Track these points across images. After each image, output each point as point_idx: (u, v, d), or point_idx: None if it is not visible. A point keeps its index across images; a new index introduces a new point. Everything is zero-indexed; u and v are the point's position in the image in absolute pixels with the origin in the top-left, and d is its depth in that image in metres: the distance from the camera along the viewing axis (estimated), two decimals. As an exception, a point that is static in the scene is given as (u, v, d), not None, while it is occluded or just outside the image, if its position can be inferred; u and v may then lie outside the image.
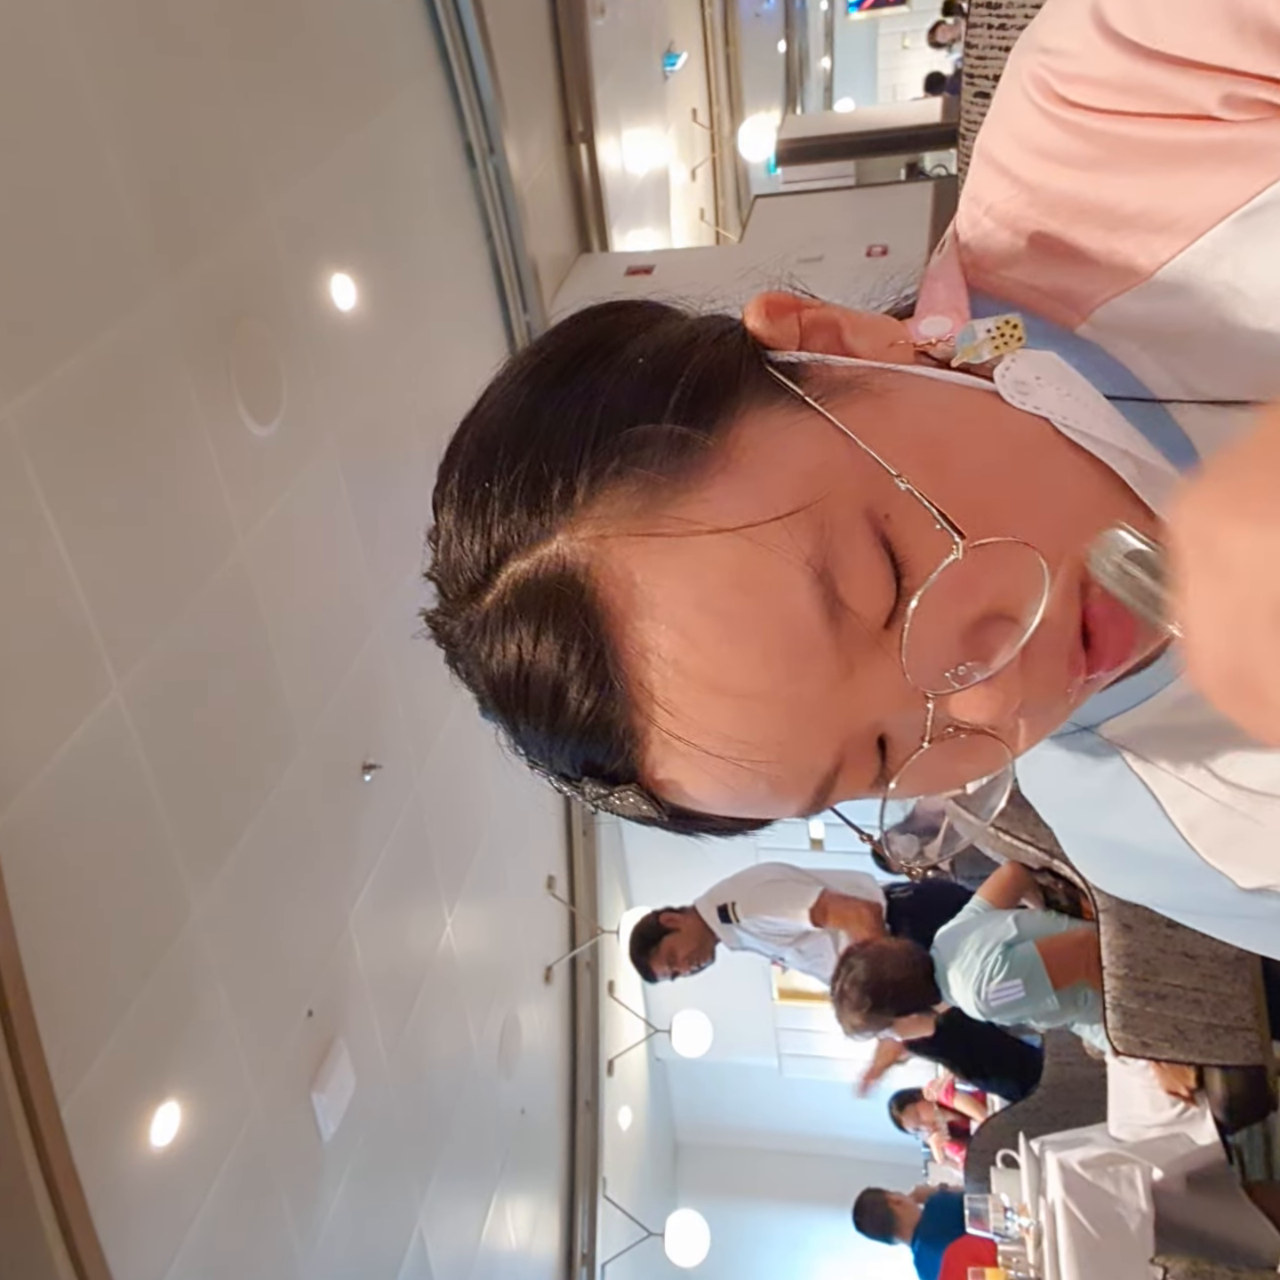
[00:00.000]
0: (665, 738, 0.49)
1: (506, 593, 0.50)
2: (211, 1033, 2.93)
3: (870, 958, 3.58)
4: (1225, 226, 0.51)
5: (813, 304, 0.56)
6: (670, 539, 0.47)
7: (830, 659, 0.47)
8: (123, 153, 2.64)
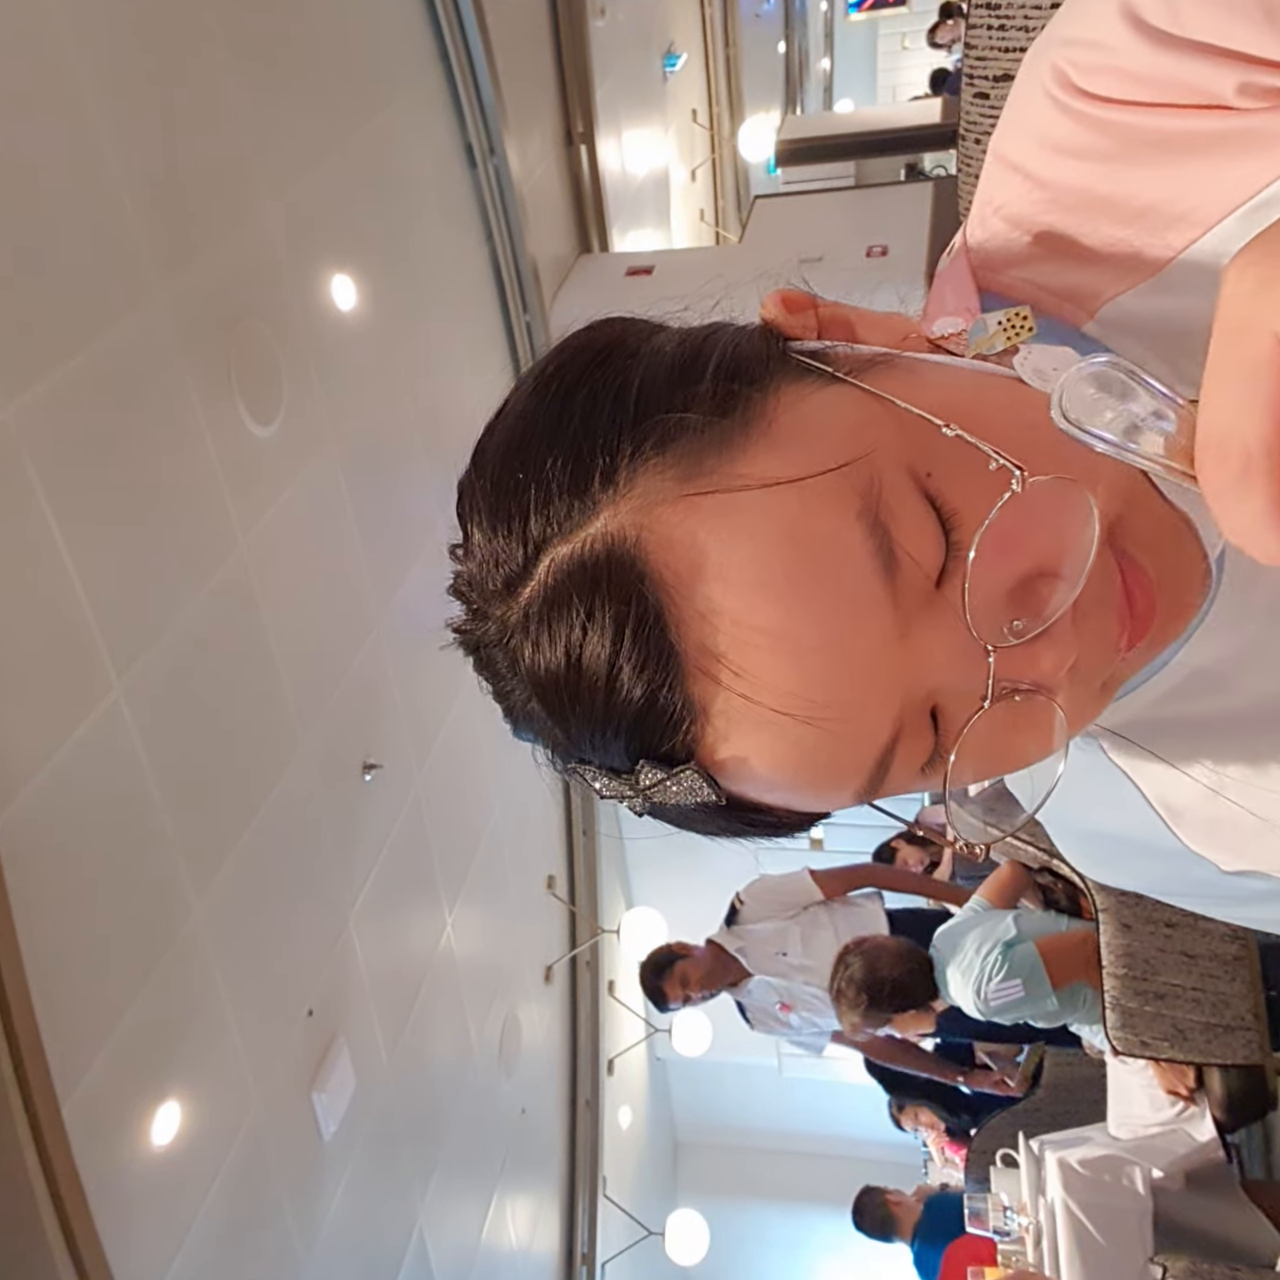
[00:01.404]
0: (729, 703, 0.48)
1: (549, 580, 0.49)
2: (211, 1032, 2.93)
3: (866, 955, 3.59)
4: (1234, 220, 0.51)
5: (825, 302, 0.57)
6: (722, 497, 0.47)
7: (888, 613, 0.47)
8: (123, 153, 2.65)
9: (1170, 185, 0.52)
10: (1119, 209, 0.53)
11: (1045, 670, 0.48)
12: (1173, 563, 0.52)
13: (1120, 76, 0.50)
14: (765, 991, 4.25)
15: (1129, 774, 0.66)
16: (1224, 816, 0.63)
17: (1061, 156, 0.53)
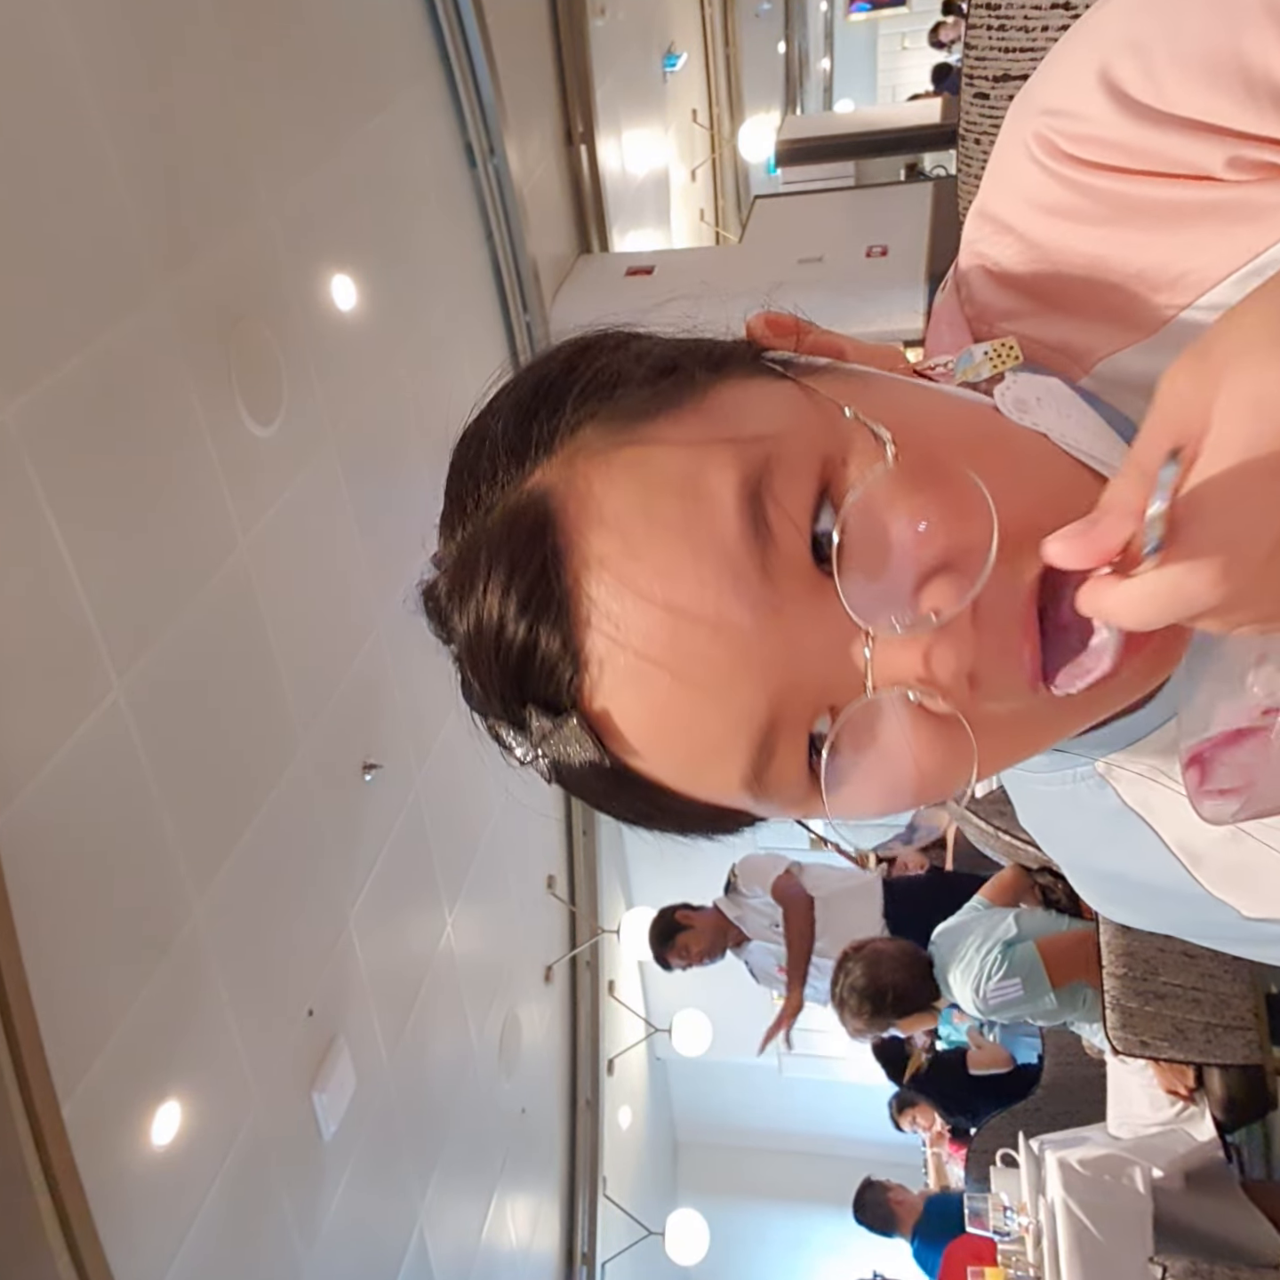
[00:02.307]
0: (603, 649, 0.48)
1: (480, 539, 0.51)
2: (212, 1032, 2.93)
3: (867, 961, 3.59)
4: (1227, 286, 0.51)
5: (819, 330, 0.57)
6: (632, 451, 0.49)
7: (756, 584, 0.47)
8: (123, 152, 2.65)
9: (1164, 251, 0.52)
10: (1113, 272, 0.53)
11: (930, 668, 0.46)
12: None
13: (1106, 145, 0.51)
14: (764, 955, 4.44)
15: (1146, 818, 0.65)
16: (1246, 861, 0.62)
17: (1052, 218, 0.53)
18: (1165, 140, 0.49)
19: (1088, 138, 0.51)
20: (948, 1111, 4.78)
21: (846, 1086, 8.09)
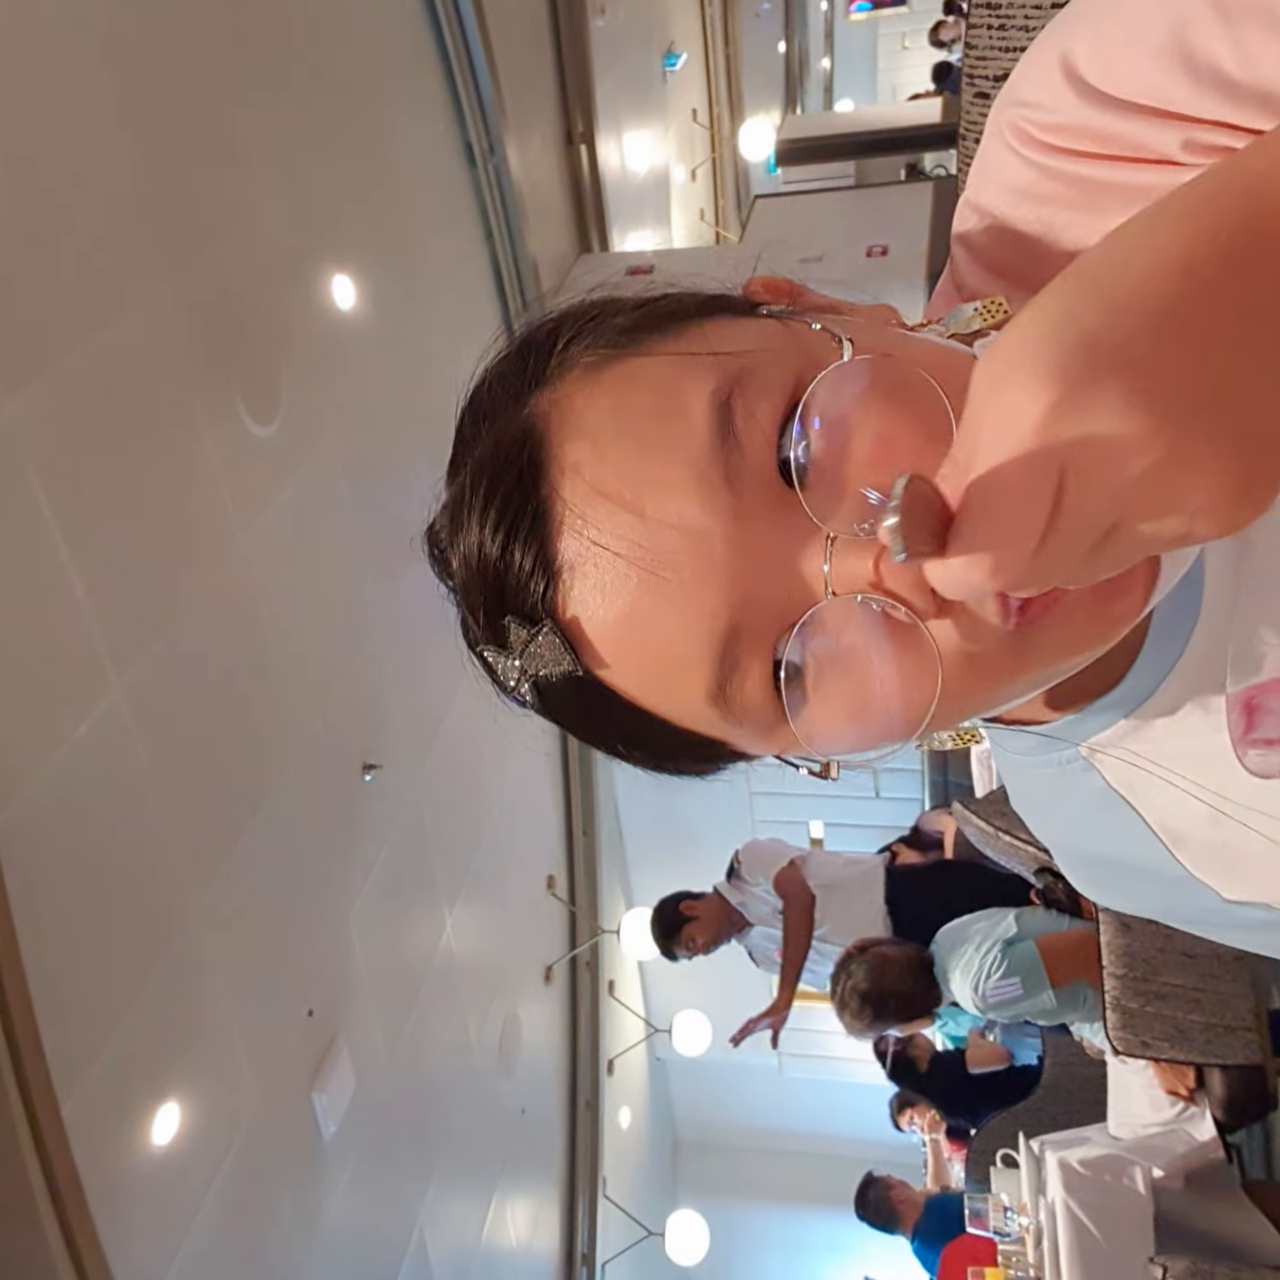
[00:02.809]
0: (575, 551, 0.50)
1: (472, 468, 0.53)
2: (211, 1033, 2.93)
3: (871, 966, 3.59)
4: None
5: (810, 292, 0.59)
6: (609, 370, 0.51)
7: (721, 490, 0.48)
8: (123, 152, 2.64)
9: None
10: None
11: (890, 574, 0.46)
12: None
13: (1072, 132, 0.53)
14: (765, 940, 4.47)
15: (1129, 800, 0.65)
16: (1226, 843, 0.63)
17: (1030, 203, 0.55)
18: (1124, 125, 0.51)
19: (1055, 126, 0.53)
20: (948, 1112, 4.78)
21: (846, 1086, 8.09)
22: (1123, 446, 0.37)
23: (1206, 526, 0.38)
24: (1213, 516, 0.38)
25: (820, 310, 0.57)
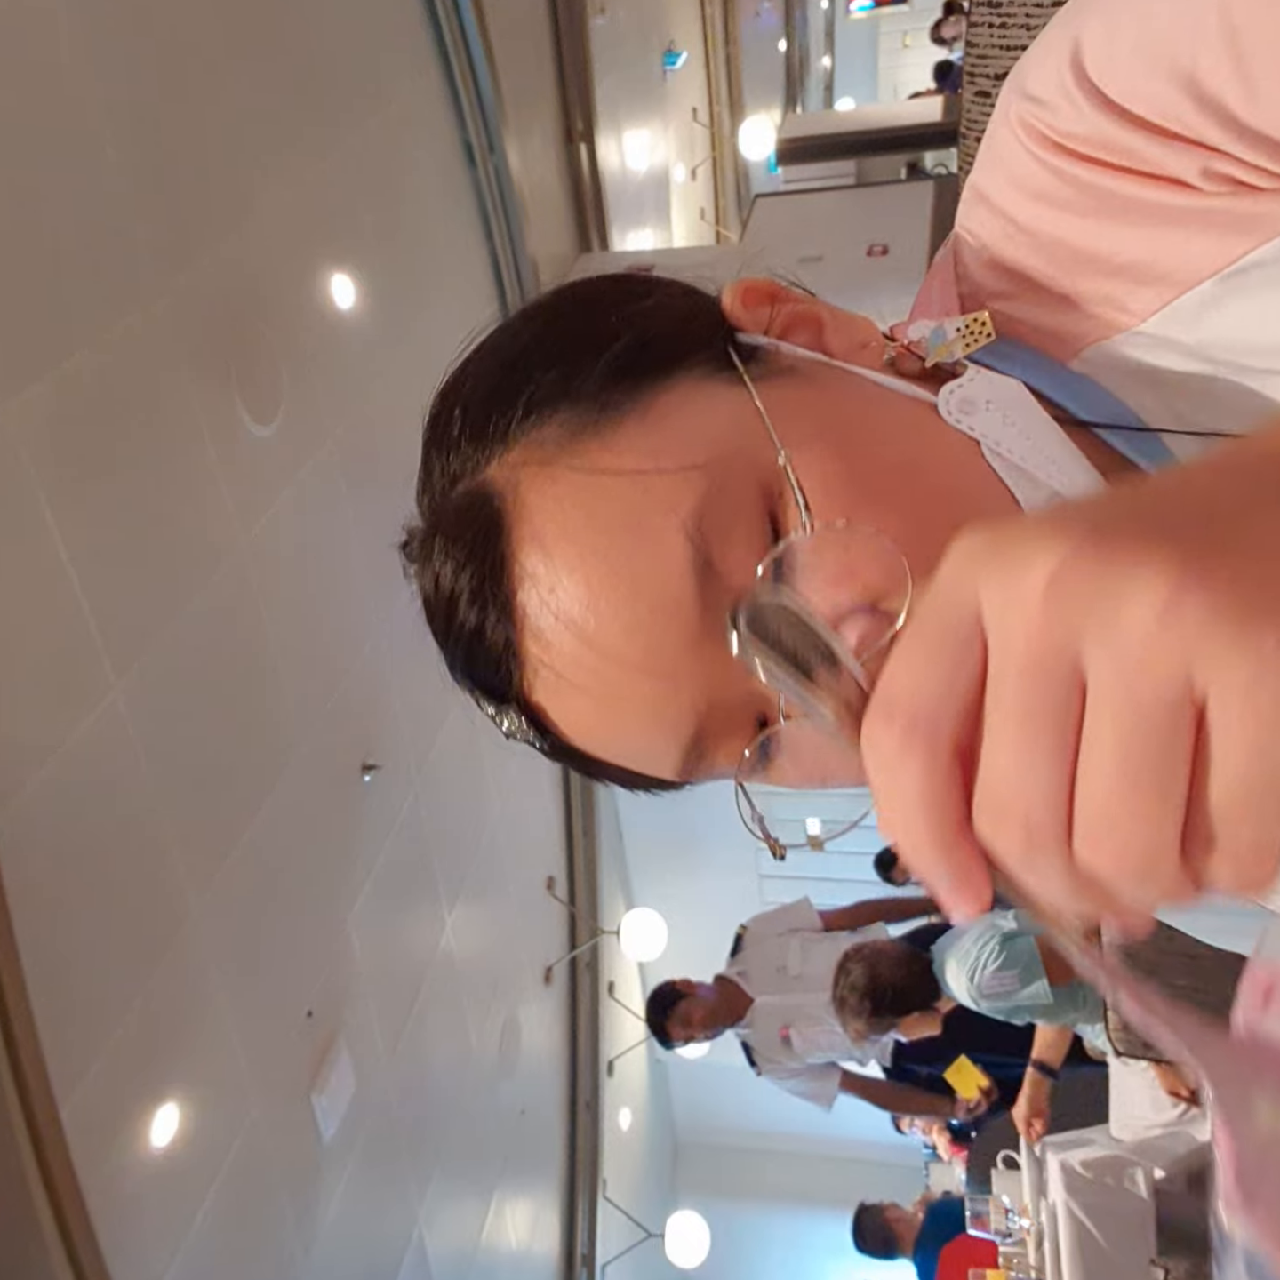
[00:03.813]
0: (534, 658, 0.51)
1: (445, 513, 0.54)
2: (211, 1033, 2.92)
3: (867, 961, 3.59)
4: (1211, 284, 0.52)
5: (796, 297, 0.58)
6: (570, 473, 0.50)
7: (694, 616, 0.48)
8: (122, 151, 2.64)
9: (1148, 247, 0.52)
10: (1099, 264, 0.54)
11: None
12: None
13: (1085, 140, 0.51)
14: (767, 1019, 4.24)
15: None
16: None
17: (1040, 204, 0.54)
18: (1141, 143, 0.49)
19: (1069, 132, 0.51)
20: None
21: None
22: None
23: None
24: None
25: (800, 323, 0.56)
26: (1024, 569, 0.30)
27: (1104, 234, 0.53)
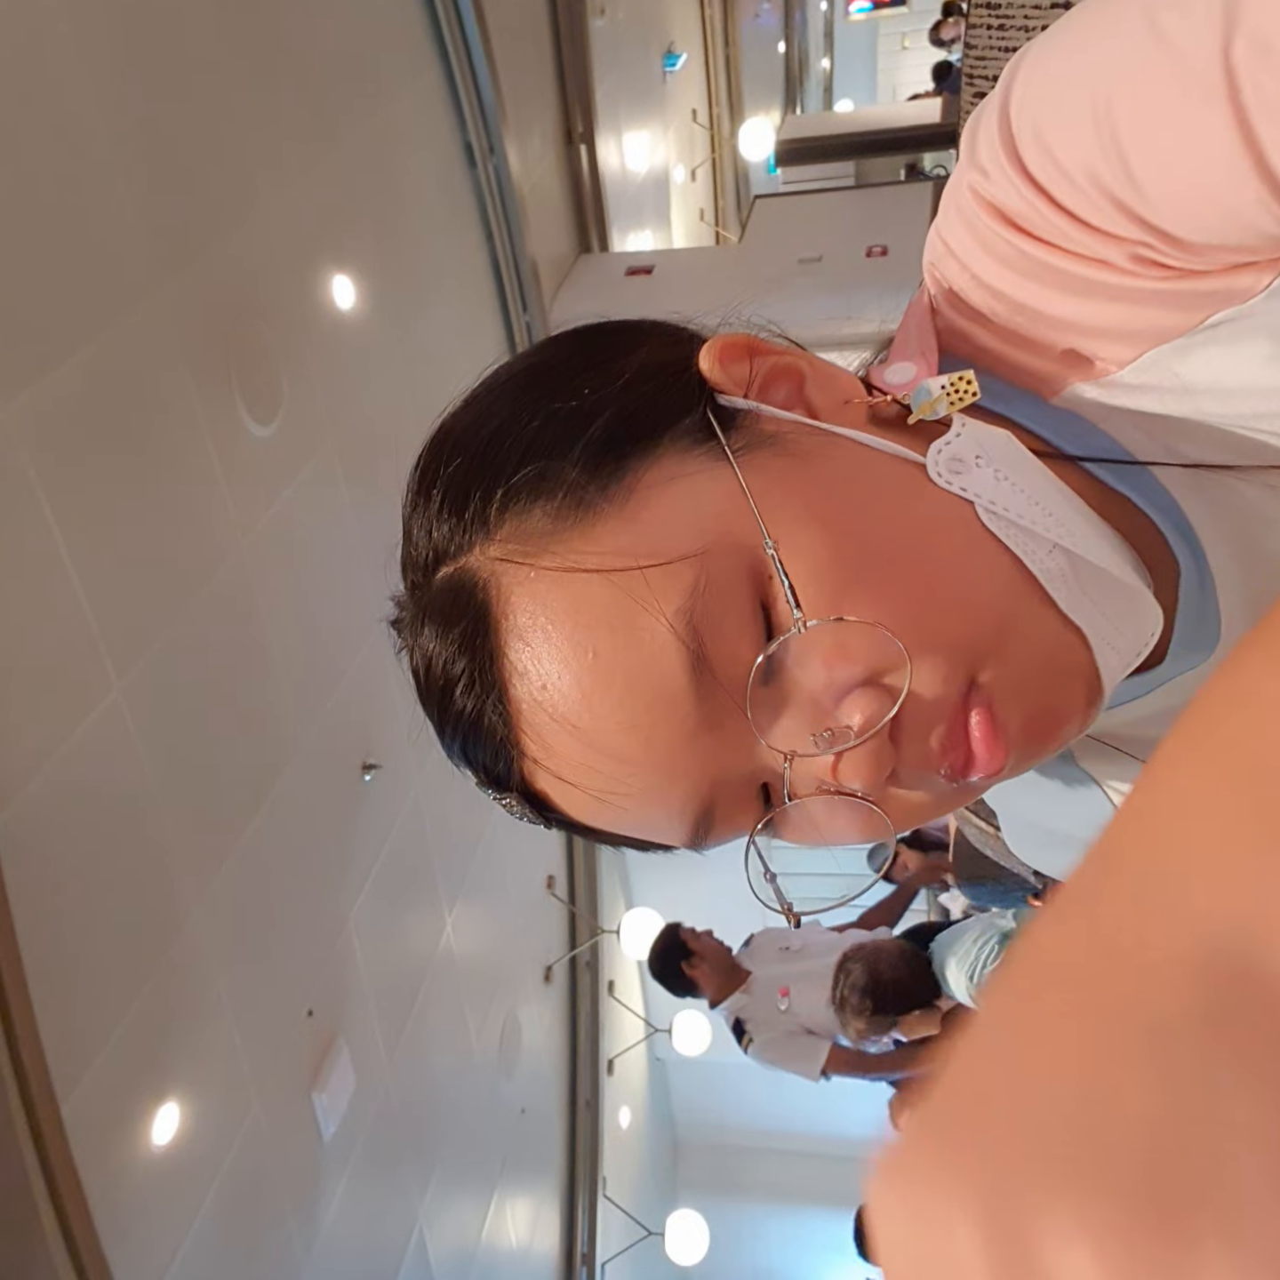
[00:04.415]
0: (531, 752, 0.51)
1: (431, 595, 0.54)
2: (211, 1033, 2.93)
3: (866, 960, 3.60)
4: (1185, 339, 0.52)
5: (776, 349, 0.56)
6: (552, 572, 0.49)
7: (691, 710, 0.48)
8: (122, 152, 2.64)
9: (1109, 318, 0.52)
10: (1065, 326, 0.54)
11: (850, 782, 0.50)
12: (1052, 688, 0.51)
13: (1026, 217, 0.51)
14: (767, 984, 4.27)
15: (1101, 784, 0.67)
16: None
17: (1003, 269, 0.53)
18: (1067, 227, 0.50)
19: (1011, 206, 0.51)
20: None
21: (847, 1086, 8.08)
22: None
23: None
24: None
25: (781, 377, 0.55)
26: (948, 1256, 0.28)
27: (1066, 304, 0.53)
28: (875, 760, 0.49)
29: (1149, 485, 0.56)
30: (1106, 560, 0.51)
